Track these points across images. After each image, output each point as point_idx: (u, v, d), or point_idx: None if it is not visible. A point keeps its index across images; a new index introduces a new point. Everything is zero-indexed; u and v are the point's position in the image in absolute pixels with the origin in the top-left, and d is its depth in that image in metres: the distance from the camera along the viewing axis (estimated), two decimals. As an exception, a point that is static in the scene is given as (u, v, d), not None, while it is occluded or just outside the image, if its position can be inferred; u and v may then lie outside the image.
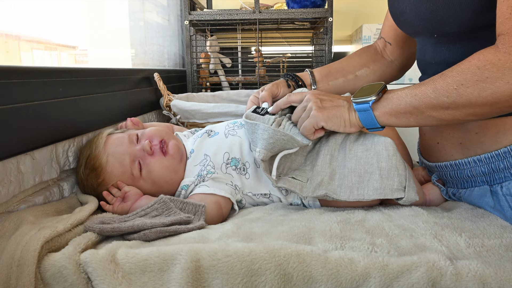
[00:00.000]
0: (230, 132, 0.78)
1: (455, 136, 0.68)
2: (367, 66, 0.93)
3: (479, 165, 0.65)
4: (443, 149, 0.71)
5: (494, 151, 0.63)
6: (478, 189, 0.67)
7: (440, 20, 0.64)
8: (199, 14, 1.55)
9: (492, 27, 0.57)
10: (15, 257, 0.48)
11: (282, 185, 0.70)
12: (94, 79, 0.85)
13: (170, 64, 1.77)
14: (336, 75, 0.91)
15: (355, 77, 0.92)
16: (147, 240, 0.55)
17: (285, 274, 0.48)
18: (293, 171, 0.73)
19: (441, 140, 0.72)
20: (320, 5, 1.58)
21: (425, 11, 0.65)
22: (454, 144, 0.69)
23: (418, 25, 0.70)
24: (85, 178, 0.72)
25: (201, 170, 0.74)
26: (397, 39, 0.90)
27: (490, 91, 0.54)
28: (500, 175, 0.63)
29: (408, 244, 0.54)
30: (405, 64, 0.94)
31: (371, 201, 0.70)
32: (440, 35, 0.67)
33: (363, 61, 0.93)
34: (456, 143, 0.69)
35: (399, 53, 0.92)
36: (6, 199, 0.58)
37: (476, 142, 0.65)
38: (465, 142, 0.67)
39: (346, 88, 0.92)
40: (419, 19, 0.68)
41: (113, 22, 1.37)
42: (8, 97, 0.57)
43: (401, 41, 0.90)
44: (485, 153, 0.64)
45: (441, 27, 0.65)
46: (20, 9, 0.90)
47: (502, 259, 0.50)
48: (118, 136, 0.75)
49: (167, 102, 1.16)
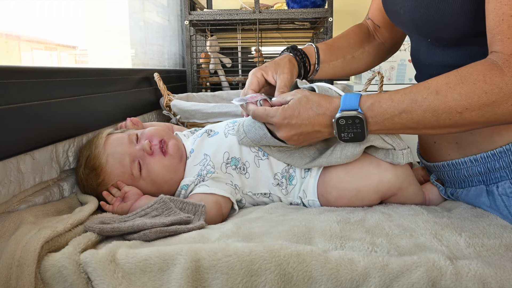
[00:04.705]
0: (229, 131, 0.78)
1: (451, 135, 0.68)
2: (363, 47, 0.90)
3: (475, 164, 0.65)
4: (440, 149, 0.71)
5: (490, 151, 0.63)
6: (474, 189, 0.67)
7: (435, 27, 0.64)
8: (199, 14, 1.55)
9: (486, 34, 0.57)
10: (15, 257, 0.48)
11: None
12: (94, 79, 0.85)
13: (170, 64, 1.77)
14: (337, 54, 0.87)
15: (352, 58, 0.89)
16: (147, 240, 0.55)
17: (285, 274, 0.48)
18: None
19: (438, 139, 0.72)
20: (320, 5, 1.58)
21: (419, 17, 0.65)
22: (450, 143, 0.69)
23: (412, 28, 0.70)
24: (85, 178, 0.72)
25: (201, 170, 0.74)
26: (385, 23, 0.89)
27: (493, 112, 0.54)
28: (496, 175, 0.63)
29: (408, 243, 0.54)
30: (394, 46, 0.93)
31: (371, 201, 0.70)
32: (434, 40, 0.67)
33: (360, 41, 0.90)
34: (452, 143, 0.69)
35: (388, 35, 0.90)
36: (6, 199, 0.58)
37: (471, 141, 0.65)
38: (461, 142, 0.67)
39: (344, 70, 0.89)
40: (413, 23, 0.68)
41: (113, 22, 1.37)
42: (8, 97, 0.57)
43: (390, 25, 0.88)
44: (481, 153, 0.64)
45: (436, 33, 0.65)
46: (20, 9, 0.90)
47: (502, 258, 0.50)
48: (118, 136, 0.75)
49: (167, 102, 1.16)
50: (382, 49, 0.92)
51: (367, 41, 0.91)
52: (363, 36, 0.91)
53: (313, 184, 0.72)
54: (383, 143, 0.66)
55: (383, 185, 0.68)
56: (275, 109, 0.65)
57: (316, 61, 0.83)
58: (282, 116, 0.63)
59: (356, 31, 0.92)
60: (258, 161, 0.75)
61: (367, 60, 0.91)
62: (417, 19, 0.66)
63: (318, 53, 0.83)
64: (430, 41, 0.67)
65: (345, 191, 0.69)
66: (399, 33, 0.90)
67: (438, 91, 0.56)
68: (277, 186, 0.75)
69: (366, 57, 0.90)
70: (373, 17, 0.91)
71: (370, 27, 0.92)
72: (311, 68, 0.83)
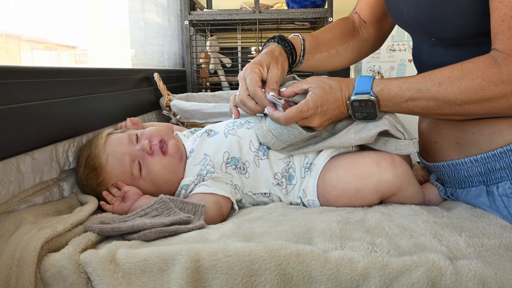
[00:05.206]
0: (229, 131, 0.78)
1: (452, 135, 0.68)
2: (347, 43, 0.89)
3: (475, 165, 0.65)
4: (440, 149, 0.72)
5: (490, 151, 0.63)
6: (474, 189, 0.67)
7: (439, 27, 0.64)
8: (199, 14, 1.55)
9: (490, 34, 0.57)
10: (15, 257, 0.48)
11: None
12: (94, 79, 0.85)
13: (170, 64, 1.77)
14: (322, 48, 0.87)
15: (336, 52, 0.89)
16: (147, 240, 0.55)
17: (285, 274, 0.48)
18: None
19: (439, 139, 0.72)
20: (320, 5, 1.58)
21: (423, 17, 0.65)
22: (450, 143, 0.69)
23: (415, 27, 0.69)
24: (85, 178, 0.72)
25: (201, 170, 0.74)
26: (372, 19, 0.88)
27: (491, 106, 0.58)
28: (496, 176, 0.63)
29: (408, 243, 0.54)
30: (377, 43, 0.93)
31: (371, 201, 0.70)
32: (438, 39, 0.67)
33: (345, 36, 0.90)
34: (452, 143, 0.69)
35: (372, 33, 0.90)
36: (6, 199, 0.58)
37: (472, 142, 0.65)
38: (462, 142, 0.67)
39: (327, 64, 0.89)
40: (417, 22, 0.68)
41: (113, 22, 1.37)
42: (8, 97, 0.57)
43: (376, 22, 0.88)
44: (481, 153, 0.64)
45: (440, 33, 0.65)
46: (20, 9, 0.90)
47: (502, 259, 0.50)
48: (118, 136, 0.75)
49: (167, 102, 1.16)
50: (365, 46, 0.92)
51: (351, 36, 0.90)
52: (348, 30, 0.90)
53: (313, 184, 0.72)
54: (395, 130, 0.68)
55: (383, 185, 0.68)
56: (304, 103, 0.67)
57: (302, 53, 0.83)
58: (315, 105, 0.67)
59: (341, 24, 0.91)
60: (258, 160, 0.75)
61: (350, 56, 0.91)
62: (421, 19, 0.66)
63: (304, 45, 0.83)
64: (433, 40, 0.67)
65: (345, 191, 0.69)
66: (384, 31, 0.90)
67: (441, 83, 0.61)
68: (277, 186, 0.75)
69: (349, 52, 0.90)
70: (360, 12, 0.90)
71: (356, 22, 0.91)
72: (297, 60, 0.83)
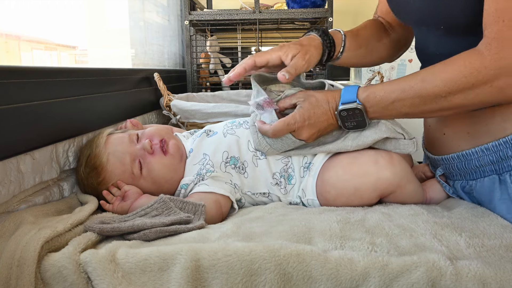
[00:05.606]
0: (228, 131, 0.79)
1: (463, 126, 0.68)
2: (381, 40, 0.88)
3: (486, 154, 0.64)
4: (450, 140, 0.70)
5: (502, 139, 0.62)
6: (488, 180, 0.66)
7: (448, 12, 0.63)
8: (199, 14, 1.55)
9: None
10: (15, 257, 0.48)
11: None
12: (94, 79, 0.85)
13: (170, 64, 1.77)
14: (361, 43, 0.85)
15: (372, 49, 0.87)
16: (147, 240, 0.55)
17: (285, 273, 0.48)
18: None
19: (448, 131, 0.71)
20: (320, 5, 1.58)
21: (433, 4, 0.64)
22: (461, 134, 0.68)
23: (423, 16, 0.68)
24: (86, 177, 0.72)
25: (200, 169, 0.74)
26: (396, 21, 0.88)
27: (475, 94, 0.58)
28: (509, 163, 0.62)
29: (408, 243, 0.54)
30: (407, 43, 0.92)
31: (370, 199, 0.70)
32: (447, 27, 0.66)
33: (379, 33, 0.89)
34: (463, 133, 0.68)
35: (401, 32, 0.89)
36: (6, 199, 0.58)
37: (484, 131, 0.65)
38: (473, 132, 0.66)
39: (363, 60, 0.88)
40: (424, 11, 0.67)
41: (113, 22, 1.37)
42: (8, 97, 0.57)
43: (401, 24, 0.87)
44: (493, 141, 0.63)
45: (449, 19, 0.64)
46: (20, 9, 0.90)
47: (502, 259, 0.50)
48: (119, 135, 0.76)
49: (167, 102, 1.16)
50: (398, 45, 0.91)
51: (385, 34, 0.90)
52: (381, 29, 0.90)
53: (312, 183, 0.72)
54: (394, 133, 0.68)
55: (381, 183, 0.68)
56: (291, 117, 0.68)
57: (342, 49, 0.82)
58: (301, 119, 0.68)
59: (374, 23, 0.90)
60: (256, 160, 0.75)
61: (384, 54, 0.90)
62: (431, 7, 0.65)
63: (345, 42, 0.82)
64: (442, 29, 0.67)
65: (344, 189, 0.69)
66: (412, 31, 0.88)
67: (424, 79, 0.61)
68: (276, 185, 0.75)
69: (383, 49, 0.89)
70: (382, 15, 0.90)
71: (384, 23, 0.91)
72: (333, 56, 0.81)
